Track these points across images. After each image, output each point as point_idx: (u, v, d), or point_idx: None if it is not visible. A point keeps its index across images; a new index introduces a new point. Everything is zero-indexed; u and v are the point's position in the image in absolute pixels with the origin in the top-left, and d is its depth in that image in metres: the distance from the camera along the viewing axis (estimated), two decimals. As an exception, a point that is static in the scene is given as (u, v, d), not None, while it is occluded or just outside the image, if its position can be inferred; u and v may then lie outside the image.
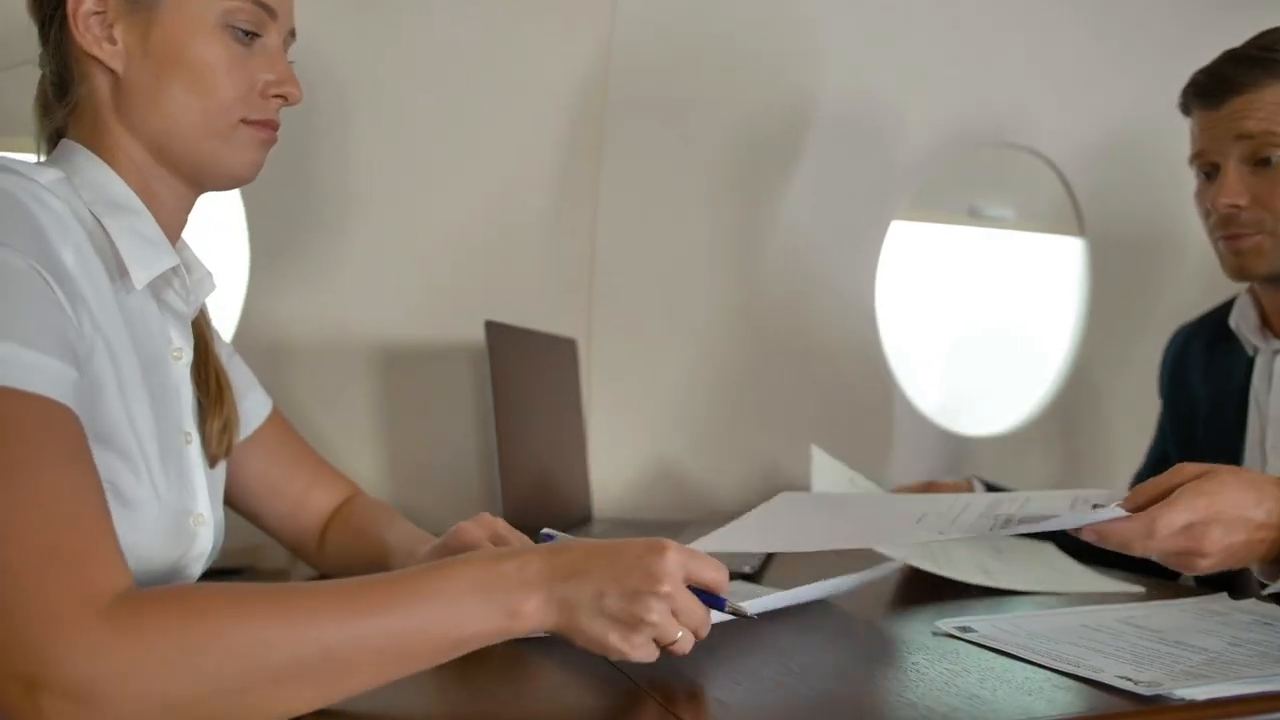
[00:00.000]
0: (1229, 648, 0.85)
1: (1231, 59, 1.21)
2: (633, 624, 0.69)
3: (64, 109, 0.86)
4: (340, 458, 1.31)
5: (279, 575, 1.28)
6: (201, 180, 0.89)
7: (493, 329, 1.29)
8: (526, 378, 1.41)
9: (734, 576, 1.11)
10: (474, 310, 1.53)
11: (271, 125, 0.90)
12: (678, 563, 0.70)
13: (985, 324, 2.12)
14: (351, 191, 1.50)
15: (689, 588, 0.71)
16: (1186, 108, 1.26)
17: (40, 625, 0.58)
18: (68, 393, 0.66)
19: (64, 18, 0.83)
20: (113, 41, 0.83)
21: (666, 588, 0.69)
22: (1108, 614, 0.98)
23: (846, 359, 1.87)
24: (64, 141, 0.86)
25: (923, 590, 1.14)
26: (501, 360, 1.30)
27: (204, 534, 0.87)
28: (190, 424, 0.89)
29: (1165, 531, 0.84)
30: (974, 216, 2.00)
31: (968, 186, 1.99)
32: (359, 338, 1.52)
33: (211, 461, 0.91)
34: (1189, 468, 0.89)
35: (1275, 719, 0.70)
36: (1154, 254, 2.05)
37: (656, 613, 0.69)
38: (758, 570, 1.19)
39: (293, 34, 0.93)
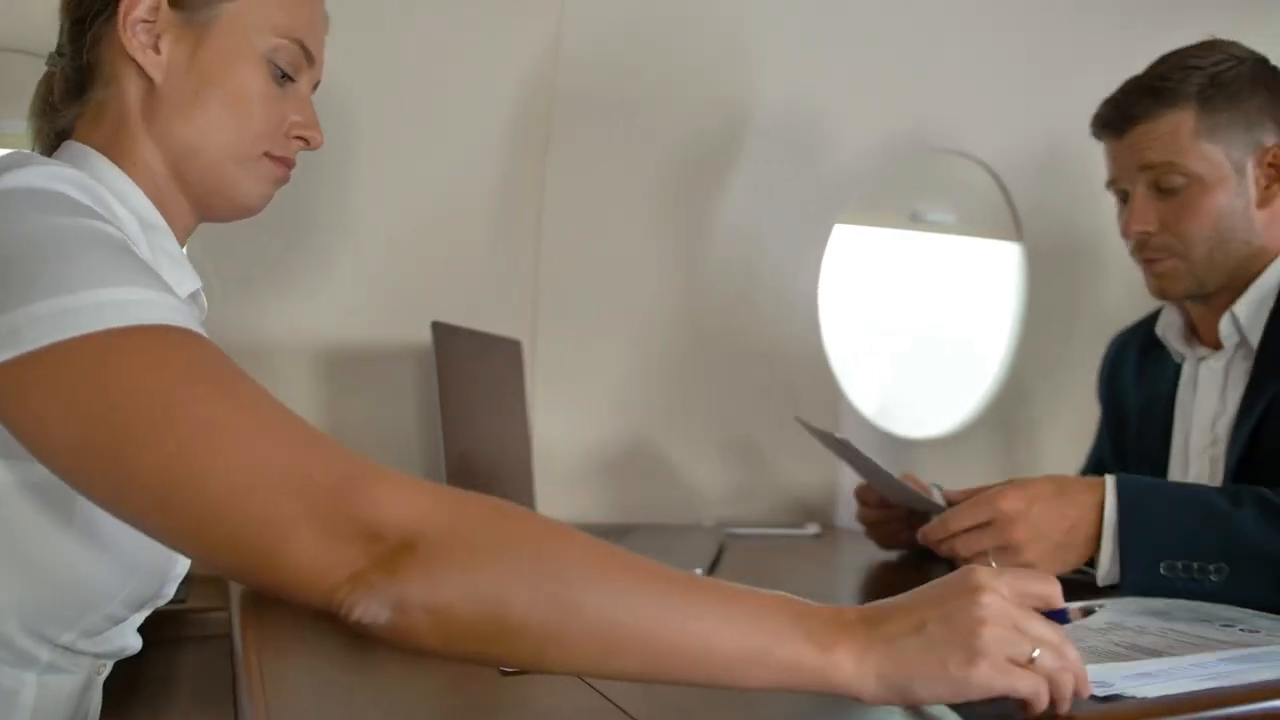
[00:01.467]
0: (1170, 645, 0.86)
1: (1129, 89, 1.25)
2: (968, 642, 0.61)
3: (75, 108, 0.85)
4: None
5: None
6: (211, 205, 0.89)
7: (439, 330, 1.27)
8: (472, 379, 1.39)
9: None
10: (417, 311, 1.50)
11: (289, 164, 0.92)
12: (992, 574, 0.64)
13: (927, 326, 2.14)
14: (291, 190, 1.47)
15: None
16: (1098, 135, 1.30)
17: (363, 481, 0.58)
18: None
19: (111, 15, 0.82)
20: (157, 51, 0.83)
21: (988, 596, 0.62)
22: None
23: (791, 361, 1.87)
24: (72, 144, 0.84)
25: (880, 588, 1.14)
26: (448, 361, 1.29)
27: (183, 557, 0.85)
28: None
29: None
30: (916, 221, 2.02)
31: (910, 191, 2.01)
32: (299, 339, 1.49)
33: None
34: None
35: (1221, 714, 0.72)
36: (1086, 261, 2.09)
37: (990, 623, 0.61)
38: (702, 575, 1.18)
39: (318, 83, 0.96)
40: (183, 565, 0.85)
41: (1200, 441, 1.28)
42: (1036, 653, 0.62)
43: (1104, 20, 1.96)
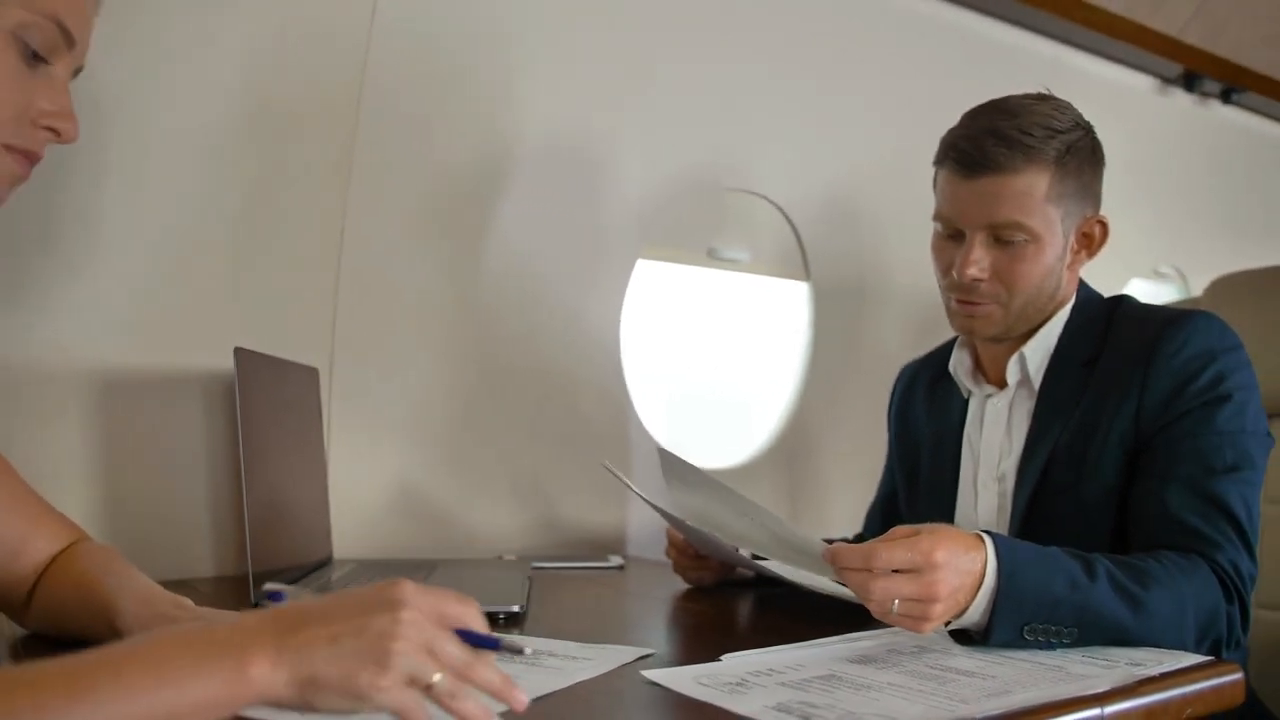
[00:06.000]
0: (980, 666, 0.91)
1: (992, 133, 1.22)
2: (379, 658, 0.60)
3: None
4: (51, 499, 1.16)
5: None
6: None
7: (242, 356, 1.19)
8: (272, 409, 1.31)
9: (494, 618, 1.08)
10: (207, 336, 1.42)
11: (32, 158, 0.81)
12: (416, 590, 0.63)
13: (721, 361, 2.19)
14: (65, 203, 1.35)
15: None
16: (943, 165, 1.28)
17: None
18: None
19: None
20: None
21: (407, 613, 0.61)
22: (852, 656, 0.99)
23: (590, 391, 1.87)
24: None
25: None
26: (249, 390, 1.21)
27: None
28: None
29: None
30: (713, 258, 2.07)
31: (708, 229, 2.06)
32: (71, 363, 1.36)
33: None
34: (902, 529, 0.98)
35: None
36: (869, 299, 2.19)
37: (402, 639, 0.61)
38: (525, 609, 1.15)
39: (80, 69, 0.85)
40: None
41: (986, 475, 1.35)
42: (437, 677, 0.62)
43: (889, 73, 2.09)
